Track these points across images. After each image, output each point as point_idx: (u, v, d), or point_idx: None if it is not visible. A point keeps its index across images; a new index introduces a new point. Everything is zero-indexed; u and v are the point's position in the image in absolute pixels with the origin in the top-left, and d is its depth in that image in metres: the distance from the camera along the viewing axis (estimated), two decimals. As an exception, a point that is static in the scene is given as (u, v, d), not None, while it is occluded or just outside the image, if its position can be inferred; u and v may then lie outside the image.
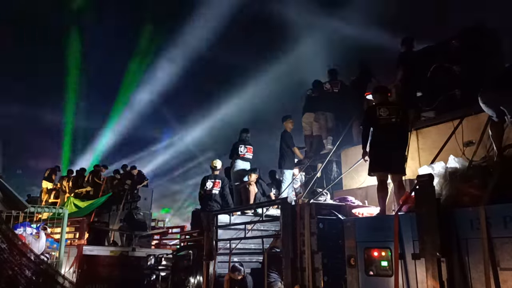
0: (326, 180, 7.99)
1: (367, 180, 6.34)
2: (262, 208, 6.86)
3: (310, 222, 5.40)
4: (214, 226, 7.38)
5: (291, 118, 8.74)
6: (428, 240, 3.84)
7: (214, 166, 8.66)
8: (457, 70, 5.96)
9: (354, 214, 5.62)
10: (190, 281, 7.96)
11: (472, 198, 3.96)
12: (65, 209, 8.04)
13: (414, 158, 6.02)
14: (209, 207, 8.18)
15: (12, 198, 5.28)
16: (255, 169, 8.51)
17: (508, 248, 3.44)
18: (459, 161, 4.55)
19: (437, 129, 5.97)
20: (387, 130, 5.24)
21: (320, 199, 6.22)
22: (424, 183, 4.04)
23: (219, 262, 7.31)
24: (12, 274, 4.43)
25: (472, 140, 5.20)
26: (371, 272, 4.46)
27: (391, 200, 5.42)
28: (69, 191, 15.93)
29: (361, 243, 4.63)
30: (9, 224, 6.29)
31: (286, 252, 5.61)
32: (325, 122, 8.50)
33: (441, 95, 5.99)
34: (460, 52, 5.98)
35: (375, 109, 5.35)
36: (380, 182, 5.23)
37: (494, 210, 3.58)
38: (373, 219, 5.08)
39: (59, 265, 7.42)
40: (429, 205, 3.92)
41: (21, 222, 7.10)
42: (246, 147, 8.86)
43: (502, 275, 3.45)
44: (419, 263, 3.98)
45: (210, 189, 8.40)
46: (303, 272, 5.35)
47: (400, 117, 5.29)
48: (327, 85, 8.77)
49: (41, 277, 4.78)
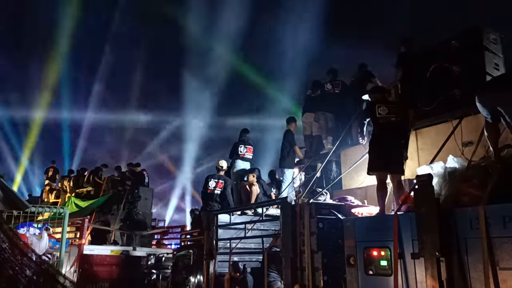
0: (326, 180, 8.00)
1: (366, 180, 6.36)
2: (262, 208, 6.88)
3: (310, 222, 5.41)
4: (214, 226, 7.41)
5: (295, 121, 8.78)
6: (428, 239, 3.85)
7: (221, 166, 8.67)
8: (457, 70, 5.97)
9: (354, 214, 5.63)
10: (191, 280, 7.99)
11: (471, 198, 3.96)
12: (66, 209, 8.05)
13: (413, 158, 6.02)
14: (210, 207, 8.20)
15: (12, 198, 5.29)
16: (254, 169, 8.53)
17: (508, 247, 3.45)
18: (458, 161, 4.56)
19: (436, 129, 5.98)
20: (387, 129, 5.24)
21: (320, 199, 6.23)
22: (424, 183, 4.05)
23: (219, 262, 7.33)
24: (13, 273, 4.45)
25: (471, 140, 5.21)
26: (370, 271, 4.47)
27: (390, 199, 5.42)
28: (70, 191, 15.96)
29: (361, 242, 4.64)
30: (10, 224, 6.31)
31: (286, 252, 5.62)
32: (325, 122, 8.52)
33: (440, 95, 6.00)
34: (460, 52, 5.99)
35: (374, 107, 5.34)
36: (379, 182, 5.24)
37: (494, 210, 3.59)
38: (373, 218, 5.09)
39: (60, 265, 7.43)
40: (429, 205, 3.93)
41: (24, 222, 7.11)
42: (246, 147, 8.88)
43: (501, 275, 3.46)
44: (419, 263, 3.98)
45: (212, 188, 8.42)
46: (303, 271, 5.36)
47: (400, 117, 5.29)
48: (328, 85, 8.77)
49: (42, 276, 4.78)
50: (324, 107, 8.57)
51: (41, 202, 16.05)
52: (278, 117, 17.88)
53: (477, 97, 4.34)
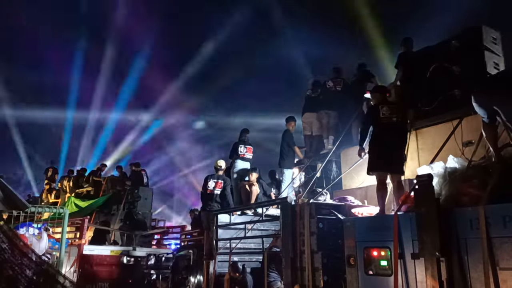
0: (326, 180, 8.00)
1: (366, 180, 6.36)
2: (262, 208, 6.88)
3: (310, 222, 5.41)
4: (214, 226, 7.41)
5: (295, 120, 8.76)
6: (428, 239, 3.84)
7: (219, 166, 8.65)
8: (457, 70, 5.97)
9: (354, 214, 5.63)
10: (190, 280, 7.98)
11: (471, 198, 3.96)
12: (66, 209, 8.05)
13: (414, 158, 6.03)
14: (209, 207, 8.19)
15: (12, 198, 5.29)
16: (256, 168, 8.53)
17: (508, 247, 3.45)
18: (459, 161, 4.56)
19: (437, 129, 5.98)
20: (388, 129, 5.25)
21: (320, 199, 6.23)
22: (424, 183, 4.05)
23: (219, 262, 7.33)
24: (12, 274, 4.45)
25: (471, 140, 5.21)
26: (370, 271, 4.47)
27: (390, 199, 5.42)
28: (70, 191, 15.94)
29: (361, 242, 4.64)
30: (10, 224, 6.31)
31: (286, 252, 5.62)
32: (327, 120, 8.46)
33: (440, 95, 6.00)
34: (460, 52, 5.98)
35: (378, 108, 5.35)
36: (379, 182, 5.24)
37: (494, 210, 3.59)
38: (373, 218, 5.09)
39: (60, 265, 7.44)
40: (429, 205, 3.93)
41: (23, 222, 7.10)
42: (246, 147, 8.87)
43: (501, 275, 3.46)
44: (419, 263, 3.98)
45: (212, 189, 8.41)
46: (303, 271, 5.36)
47: (401, 117, 5.30)
48: (329, 82, 8.65)
49: (42, 277, 4.79)
50: (326, 105, 8.52)
51: (40, 202, 16.04)
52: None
53: (473, 97, 4.34)
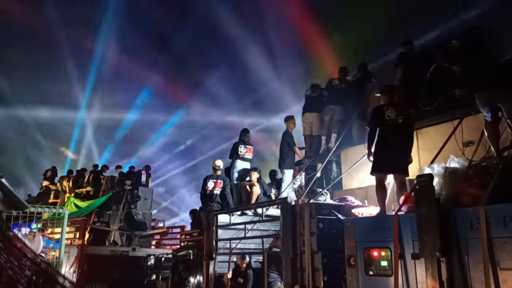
0: (326, 180, 7.99)
1: (367, 180, 6.35)
2: (262, 208, 6.87)
3: (310, 222, 5.41)
4: (214, 226, 7.40)
5: (294, 119, 8.74)
6: (428, 240, 3.84)
7: (218, 166, 8.64)
8: (457, 70, 5.97)
9: (354, 214, 5.62)
10: (190, 280, 7.98)
11: (472, 198, 3.95)
12: (65, 209, 8.03)
13: (414, 158, 6.01)
14: (209, 207, 8.18)
15: (12, 198, 5.29)
16: (256, 168, 8.52)
17: (508, 248, 3.44)
18: (459, 161, 4.56)
19: (437, 129, 5.98)
20: (395, 131, 5.18)
21: (320, 199, 6.22)
22: (424, 183, 4.03)
23: (219, 262, 7.32)
24: (12, 274, 4.44)
25: (471, 140, 5.21)
26: (370, 272, 4.46)
27: (390, 200, 5.42)
28: (69, 191, 15.93)
29: (361, 243, 4.63)
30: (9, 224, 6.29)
31: (286, 252, 5.62)
32: (330, 117, 8.41)
33: (440, 95, 5.99)
34: (460, 52, 5.99)
35: (383, 109, 5.26)
36: (378, 182, 5.22)
37: (494, 210, 3.58)
38: (373, 219, 5.07)
39: (60, 265, 7.42)
40: (429, 205, 3.92)
41: (15, 223, 7.00)
42: (246, 147, 8.86)
43: (501, 275, 3.45)
44: (419, 263, 3.98)
45: (211, 189, 8.40)
46: (303, 272, 5.36)
47: (407, 118, 5.26)
48: (335, 80, 8.70)
49: (41, 277, 4.78)
50: (331, 101, 8.48)
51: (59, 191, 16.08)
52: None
53: (476, 94, 4.34)
